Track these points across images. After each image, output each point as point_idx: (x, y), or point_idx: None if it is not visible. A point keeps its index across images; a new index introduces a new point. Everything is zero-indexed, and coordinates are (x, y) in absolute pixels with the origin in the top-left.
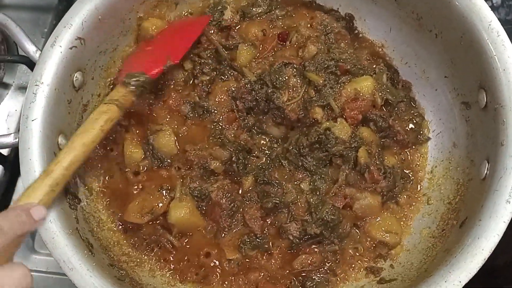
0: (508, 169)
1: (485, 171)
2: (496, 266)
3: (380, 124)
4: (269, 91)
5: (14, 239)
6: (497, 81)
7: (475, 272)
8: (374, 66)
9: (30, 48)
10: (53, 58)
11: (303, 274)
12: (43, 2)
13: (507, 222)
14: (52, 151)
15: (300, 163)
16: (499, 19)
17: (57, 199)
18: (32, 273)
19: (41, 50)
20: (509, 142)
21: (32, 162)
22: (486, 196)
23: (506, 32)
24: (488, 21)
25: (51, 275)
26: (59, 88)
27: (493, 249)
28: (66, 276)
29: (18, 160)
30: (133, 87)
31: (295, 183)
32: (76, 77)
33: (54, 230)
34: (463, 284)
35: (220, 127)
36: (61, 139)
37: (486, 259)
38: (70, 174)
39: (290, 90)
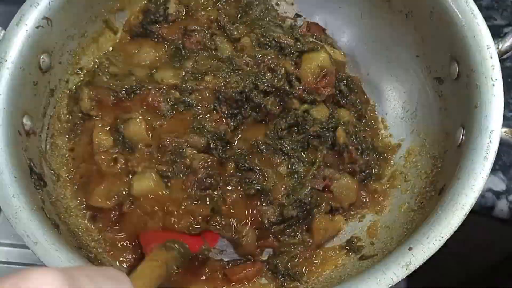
0: (484, 128)
1: (461, 137)
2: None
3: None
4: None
5: None
6: (468, 48)
7: (457, 226)
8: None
9: None
10: (18, 36)
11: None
12: None
13: (486, 177)
14: (17, 130)
15: (279, 146)
16: None
17: (21, 177)
18: None
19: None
20: (483, 103)
21: None
22: (463, 157)
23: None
24: None
25: (12, 265)
26: (25, 67)
27: (473, 205)
28: (27, 266)
29: None
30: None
31: (273, 166)
32: (43, 58)
33: (18, 205)
34: (446, 239)
35: (200, 118)
36: (26, 120)
37: (467, 214)
38: None
39: None
